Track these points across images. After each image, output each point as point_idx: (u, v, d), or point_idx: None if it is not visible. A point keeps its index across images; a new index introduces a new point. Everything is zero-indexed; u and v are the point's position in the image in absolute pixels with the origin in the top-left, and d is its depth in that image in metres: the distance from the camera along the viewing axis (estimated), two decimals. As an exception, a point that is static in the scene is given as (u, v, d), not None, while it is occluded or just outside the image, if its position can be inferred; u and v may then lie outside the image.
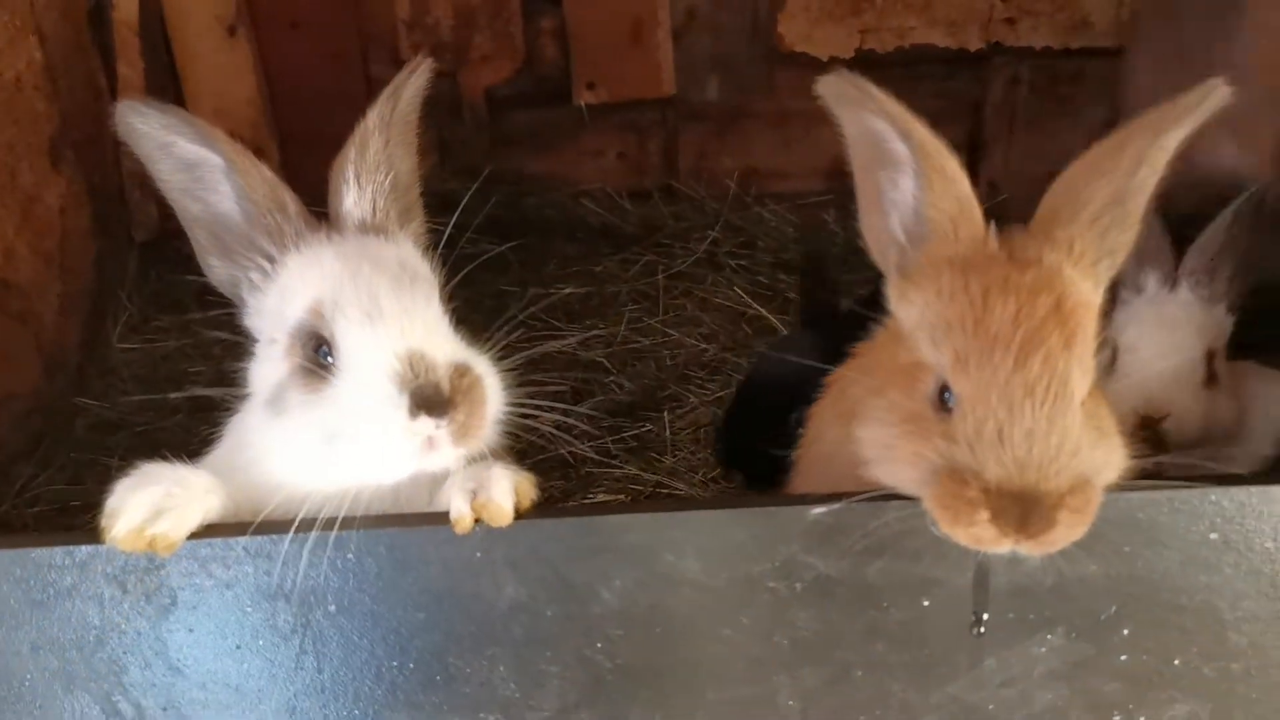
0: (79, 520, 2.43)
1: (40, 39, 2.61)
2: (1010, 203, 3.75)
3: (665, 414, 2.67)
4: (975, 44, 3.55)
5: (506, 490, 1.17)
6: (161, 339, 2.97)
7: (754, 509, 1.20)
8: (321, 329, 1.24)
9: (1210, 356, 1.96)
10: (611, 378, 2.79)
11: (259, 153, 3.60)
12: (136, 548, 1.10)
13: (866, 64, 3.60)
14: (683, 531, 1.20)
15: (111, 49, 3.03)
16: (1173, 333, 1.96)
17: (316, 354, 1.24)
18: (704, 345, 2.98)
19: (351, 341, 1.22)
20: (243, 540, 1.15)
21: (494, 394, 1.29)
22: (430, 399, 1.18)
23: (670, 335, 3.02)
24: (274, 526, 1.15)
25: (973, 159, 3.75)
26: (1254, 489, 1.25)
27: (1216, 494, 1.24)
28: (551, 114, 3.67)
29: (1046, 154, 3.66)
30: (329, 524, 1.15)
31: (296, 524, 1.14)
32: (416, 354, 1.20)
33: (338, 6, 3.45)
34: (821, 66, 3.59)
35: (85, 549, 1.15)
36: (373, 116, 1.42)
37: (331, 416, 1.19)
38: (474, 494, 1.17)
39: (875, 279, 1.51)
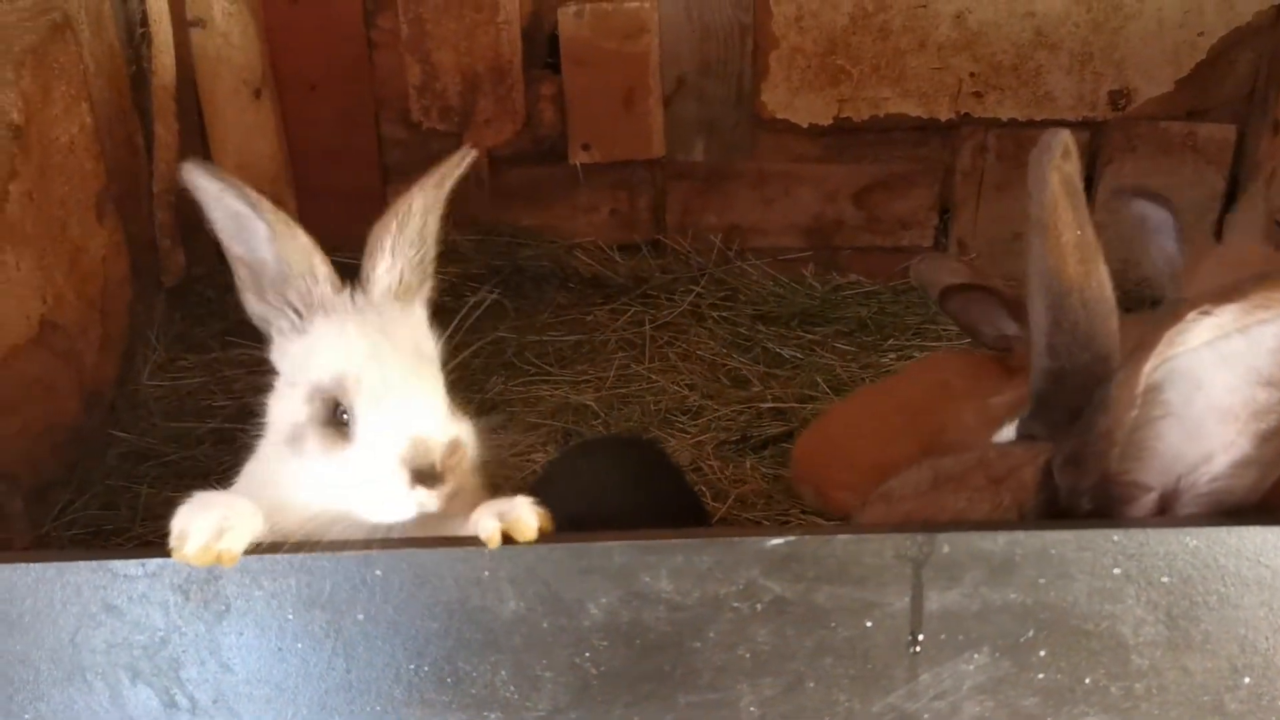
0: (110, 542, 2.63)
1: (90, 105, 2.85)
2: (978, 260, 4.01)
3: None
4: (945, 114, 3.80)
5: (530, 511, 1.38)
6: (186, 377, 3.18)
7: (719, 539, 1.40)
8: (341, 398, 1.45)
9: None
10: (599, 420, 3.01)
11: (279, 203, 3.87)
12: (205, 562, 1.30)
13: (843, 131, 3.85)
14: (658, 556, 1.40)
15: (149, 111, 3.28)
16: None
17: (335, 413, 1.46)
18: (686, 392, 3.19)
19: (368, 418, 1.44)
20: (288, 557, 1.35)
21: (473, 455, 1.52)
22: (426, 476, 1.41)
23: (655, 382, 3.24)
24: (316, 545, 1.35)
25: (943, 219, 3.99)
26: (1151, 531, 1.43)
27: (1119, 534, 1.42)
28: (548, 172, 3.91)
29: (1011, 217, 3.91)
30: (361, 544, 1.36)
31: (333, 545, 1.35)
32: (419, 438, 1.42)
33: (353, 71, 3.69)
34: (801, 132, 3.86)
35: (156, 561, 1.35)
36: (418, 197, 1.61)
37: (344, 477, 1.42)
38: (503, 516, 1.38)
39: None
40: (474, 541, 1.38)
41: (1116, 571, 1.42)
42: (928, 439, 2.45)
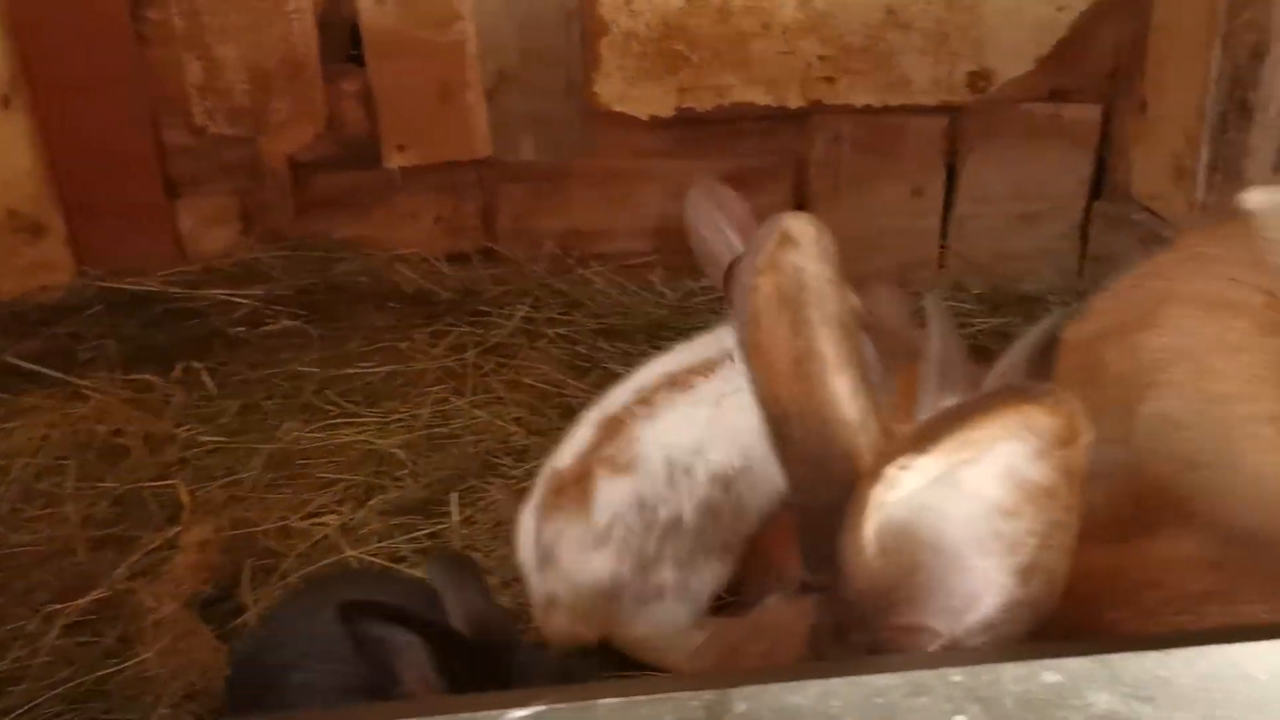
0: None
1: None
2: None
3: (457, 510, 2.52)
4: (795, 102, 3.49)
5: None
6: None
7: (441, 716, 1.05)
8: None
9: None
10: (406, 471, 2.62)
11: (40, 226, 3.41)
12: None
13: (687, 122, 3.51)
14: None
15: None
16: None
17: None
18: (512, 428, 2.83)
19: None
20: None
21: None
22: None
23: (477, 418, 2.86)
24: None
25: (800, 216, 3.68)
26: (1004, 666, 1.14)
27: (961, 673, 1.12)
28: (361, 177, 3.50)
29: (871, 210, 3.62)
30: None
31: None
32: None
33: (125, 71, 3.23)
34: (642, 126, 3.52)
35: None
36: None
37: None
38: None
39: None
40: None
41: (961, 719, 1.12)
42: None
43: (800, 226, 1.24)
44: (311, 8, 3.25)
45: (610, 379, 3.10)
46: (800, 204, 3.66)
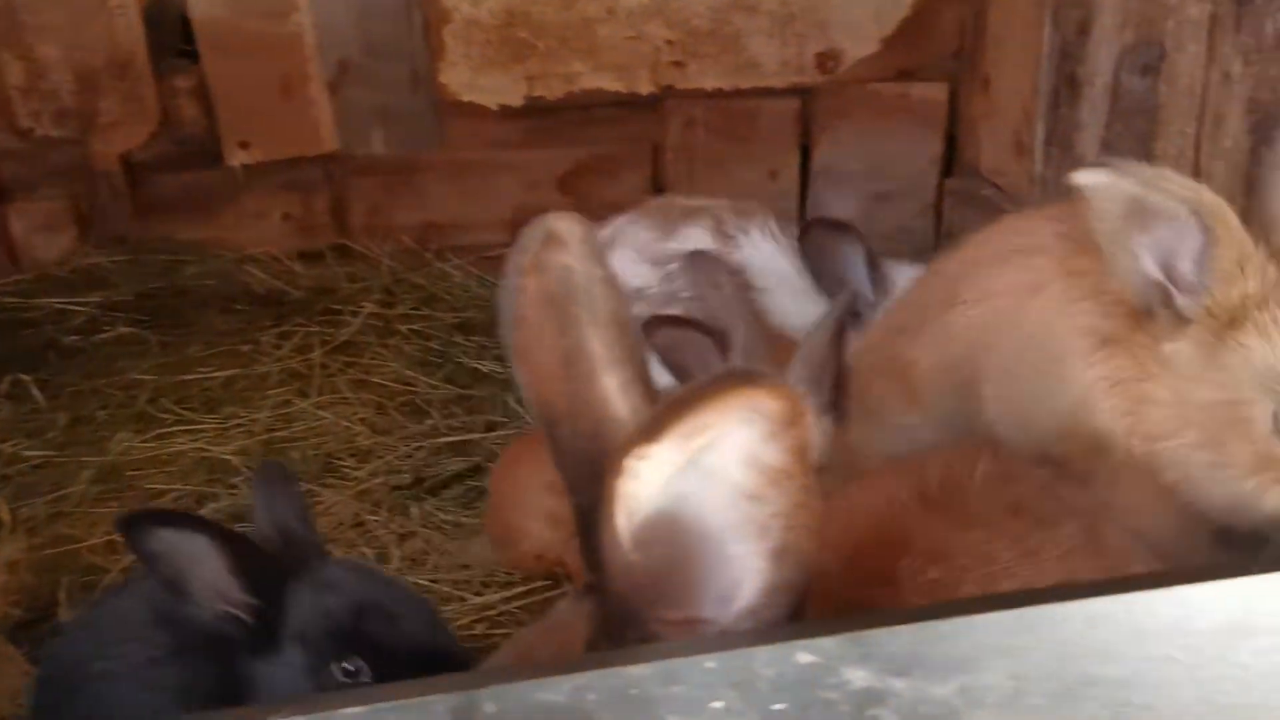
0: None
1: None
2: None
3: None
4: (646, 88, 3.46)
5: None
6: None
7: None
8: None
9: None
10: (241, 478, 2.54)
11: None
12: None
13: (539, 111, 3.47)
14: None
15: None
16: None
17: None
18: (357, 428, 2.76)
19: None
20: None
21: None
22: None
23: (322, 419, 2.79)
24: None
25: (660, 202, 3.66)
26: (758, 650, 1.12)
27: (714, 659, 1.10)
28: (202, 177, 3.40)
29: (729, 194, 3.59)
30: None
31: None
32: None
33: (-62, 74, 3.10)
34: (492, 116, 3.46)
35: None
36: None
37: None
38: None
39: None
40: None
41: (717, 706, 1.10)
42: None
43: (567, 226, 1.23)
44: (136, 2, 3.14)
45: (464, 374, 3.06)
46: (658, 190, 3.64)
